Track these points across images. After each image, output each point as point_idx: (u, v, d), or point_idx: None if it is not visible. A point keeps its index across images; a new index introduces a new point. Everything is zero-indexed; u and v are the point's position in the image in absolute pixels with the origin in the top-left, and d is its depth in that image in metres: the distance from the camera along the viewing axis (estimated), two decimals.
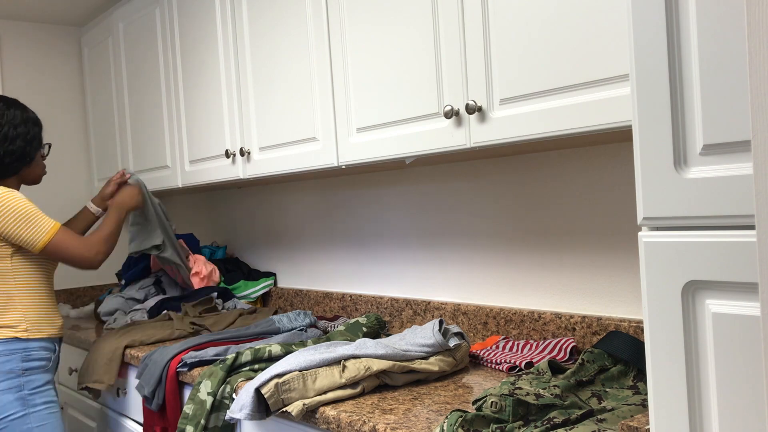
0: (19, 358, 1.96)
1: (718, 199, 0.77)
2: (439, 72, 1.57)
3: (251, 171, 2.19)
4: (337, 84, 1.85)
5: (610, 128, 1.27)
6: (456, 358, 1.65)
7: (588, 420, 1.19)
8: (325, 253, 2.56)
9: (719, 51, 0.76)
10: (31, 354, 1.98)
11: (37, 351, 2.00)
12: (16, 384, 1.94)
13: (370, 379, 1.51)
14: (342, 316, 2.43)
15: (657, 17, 0.81)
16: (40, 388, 1.99)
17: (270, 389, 1.44)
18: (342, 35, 1.82)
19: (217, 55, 2.33)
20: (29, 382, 1.97)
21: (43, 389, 1.99)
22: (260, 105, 2.15)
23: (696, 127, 0.79)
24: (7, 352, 1.95)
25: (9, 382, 1.93)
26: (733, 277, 0.76)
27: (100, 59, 3.15)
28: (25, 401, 1.95)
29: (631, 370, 1.42)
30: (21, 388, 1.95)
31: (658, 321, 0.83)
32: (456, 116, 1.53)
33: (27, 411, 1.95)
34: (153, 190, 2.81)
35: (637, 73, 0.83)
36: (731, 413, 0.78)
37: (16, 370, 1.95)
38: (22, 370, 1.96)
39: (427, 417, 1.34)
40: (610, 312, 1.70)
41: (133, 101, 2.90)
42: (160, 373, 1.91)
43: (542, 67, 1.37)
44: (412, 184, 2.19)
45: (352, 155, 1.81)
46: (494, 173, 1.94)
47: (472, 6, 1.48)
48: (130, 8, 2.86)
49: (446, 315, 2.06)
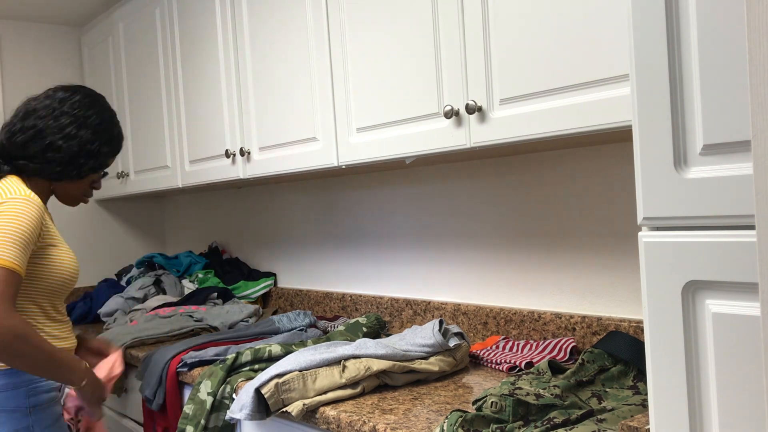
0: (24, 393, 1.56)
1: (718, 199, 0.77)
2: (439, 72, 1.57)
3: (251, 171, 2.19)
4: (337, 84, 1.84)
5: (610, 128, 1.27)
6: (456, 358, 1.65)
7: (588, 420, 1.19)
8: (325, 253, 2.56)
9: (719, 51, 0.76)
10: (38, 386, 1.58)
11: (45, 382, 1.59)
12: (25, 426, 1.55)
13: (370, 379, 1.51)
14: (342, 316, 2.43)
15: (657, 17, 0.81)
16: (52, 427, 1.61)
17: (270, 389, 1.44)
18: (342, 35, 1.82)
19: (217, 55, 2.33)
20: (38, 421, 1.57)
21: (56, 426, 1.62)
22: (260, 105, 2.15)
23: (696, 127, 0.79)
24: (10, 386, 1.54)
25: (15, 423, 1.54)
26: (733, 277, 0.76)
27: (100, 59, 3.15)
28: None
29: (631, 370, 1.42)
30: (31, 429, 1.56)
31: (658, 321, 0.83)
32: (456, 116, 1.53)
33: None
34: (153, 190, 2.82)
35: (637, 73, 0.83)
36: (731, 413, 0.78)
37: (23, 408, 1.56)
38: (30, 407, 1.56)
39: (427, 417, 1.34)
40: (610, 312, 1.70)
41: (133, 101, 2.90)
42: (160, 373, 1.91)
43: (542, 67, 1.36)
44: (412, 184, 2.19)
45: (352, 155, 1.81)
46: (494, 173, 1.94)
47: (472, 6, 1.48)
48: (130, 8, 2.86)
49: (446, 315, 2.06)
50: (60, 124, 1.64)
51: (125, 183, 3.00)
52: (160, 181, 2.74)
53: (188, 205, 3.39)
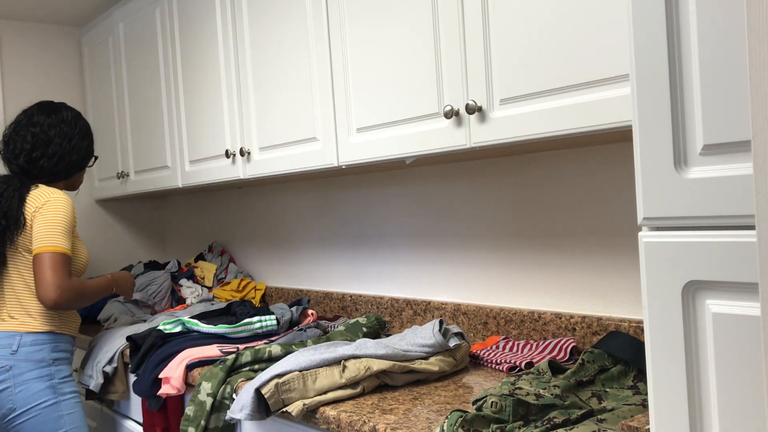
0: (49, 348, 2.04)
1: (718, 199, 0.77)
2: (439, 72, 1.57)
3: (251, 171, 2.19)
4: (337, 84, 1.85)
5: (610, 128, 1.27)
6: (456, 358, 1.65)
7: (588, 420, 1.19)
8: (325, 253, 2.56)
9: (719, 51, 0.76)
10: (59, 345, 2.07)
11: (64, 344, 2.09)
12: (47, 373, 2.02)
13: (370, 379, 1.51)
14: (342, 316, 2.43)
15: (657, 17, 0.81)
16: (66, 378, 2.07)
17: (270, 389, 1.44)
18: (342, 35, 1.82)
19: (217, 55, 2.33)
20: (58, 371, 2.05)
21: (69, 379, 2.08)
22: (260, 105, 2.15)
23: (696, 127, 0.79)
24: (39, 341, 2.03)
25: (41, 371, 2.01)
26: (733, 277, 0.76)
27: (100, 59, 3.15)
28: (56, 389, 2.02)
29: (631, 370, 1.42)
30: (52, 376, 2.03)
31: (658, 321, 0.83)
32: (456, 116, 1.53)
33: (58, 399, 2.02)
34: (153, 190, 2.82)
35: (637, 73, 0.83)
36: (731, 413, 0.78)
37: (47, 359, 2.03)
38: (52, 359, 2.04)
39: (427, 417, 1.34)
40: (610, 312, 1.70)
41: (133, 101, 2.90)
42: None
43: (542, 67, 1.37)
44: (412, 184, 2.19)
45: (352, 155, 1.81)
46: (494, 173, 1.94)
47: (472, 6, 1.48)
48: (130, 8, 2.86)
49: (446, 315, 2.06)
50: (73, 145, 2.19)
51: (125, 183, 3.00)
52: (160, 181, 2.74)
53: (188, 205, 3.39)
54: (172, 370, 1.83)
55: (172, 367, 1.85)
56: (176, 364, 1.84)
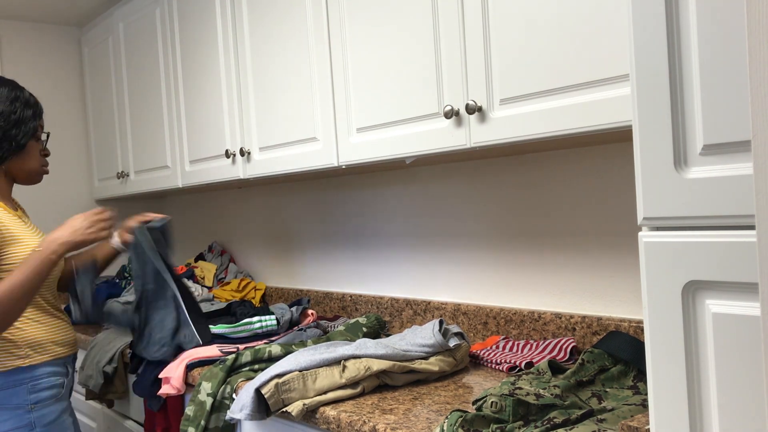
0: (26, 390, 1.62)
1: (718, 199, 0.77)
2: (439, 72, 1.57)
3: (251, 171, 2.19)
4: (337, 84, 1.85)
5: (610, 128, 1.27)
6: (456, 358, 1.65)
7: (588, 420, 1.19)
8: (325, 253, 2.56)
9: (719, 51, 0.76)
10: (39, 383, 1.64)
11: (47, 378, 1.66)
12: (26, 423, 1.61)
13: (370, 379, 1.51)
14: (342, 316, 2.43)
15: (657, 17, 0.81)
16: (54, 423, 1.66)
17: (270, 389, 1.44)
18: (342, 35, 1.82)
19: (217, 55, 2.33)
20: (41, 418, 1.64)
21: (57, 423, 1.67)
22: (260, 105, 2.15)
23: (696, 127, 0.79)
24: (11, 384, 1.61)
25: (17, 420, 1.60)
26: (733, 277, 0.76)
27: (100, 59, 3.15)
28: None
29: (631, 370, 1.42)
30: (32, 426, 1.62)
31: (658, 321, 0.83)
32: (456, 116, 1.53)
33: None
34: (153, 190, 2.81)
35: (637, 73, 0.83)
36: (731, 413, 0.78)
37: (24, 405, 1.62)
38: (31, 404, 1.63)
39: (427, 417, 1.34)
40: (610, 312, 1.70)
41: (133, 101, 2.90)
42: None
43: (542, 67, 1.37)
44: (412, 184, 2.19)
45: (352, 155, 1.81)
46: (494, 173, 1.94)
47: (472, 6, 1.48)
48: (130, 8, 2.86)
49: (446, 315, 2.06)
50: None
51: (125, 183, 3.00)
52: (160, 181, 2.74)
53: (188, 205, 3.39)
54: (172, 370, 1.83)
55: (172, 367, 1.85)
56: (176, 364, 1.84)
